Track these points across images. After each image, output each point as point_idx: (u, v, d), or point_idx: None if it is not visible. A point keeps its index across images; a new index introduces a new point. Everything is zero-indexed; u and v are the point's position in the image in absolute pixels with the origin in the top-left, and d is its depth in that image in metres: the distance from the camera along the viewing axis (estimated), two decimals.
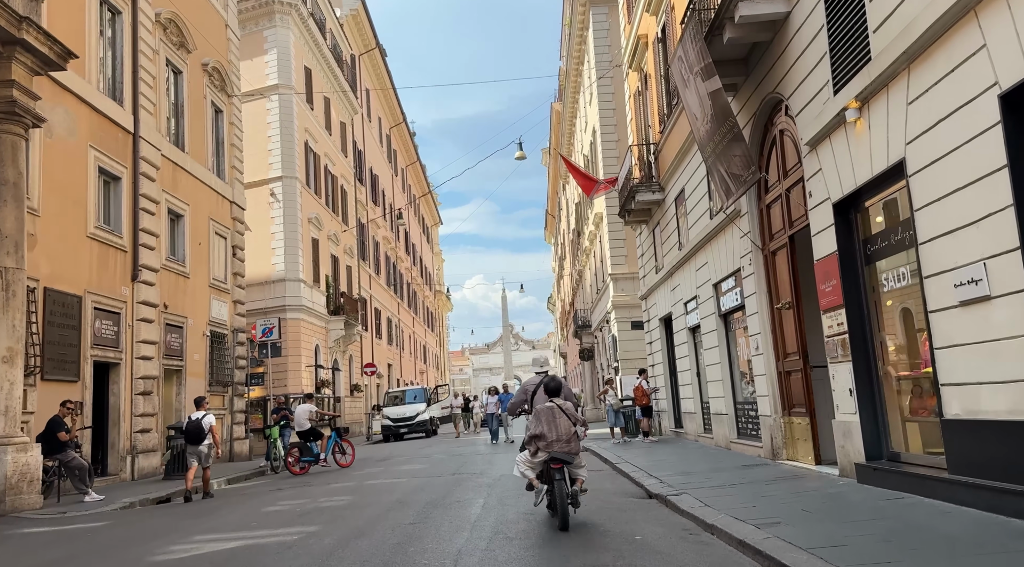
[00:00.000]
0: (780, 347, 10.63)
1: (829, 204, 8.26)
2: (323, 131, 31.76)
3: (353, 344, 33.85)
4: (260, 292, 27.06)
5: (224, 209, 20.56)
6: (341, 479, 13.13)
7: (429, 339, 67.13)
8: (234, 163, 21.41)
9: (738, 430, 13.12)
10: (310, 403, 17.24)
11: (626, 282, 25.76)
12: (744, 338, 12.43)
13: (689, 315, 15.70)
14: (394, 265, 48.15)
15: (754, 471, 9.90)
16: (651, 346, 19.91)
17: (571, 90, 35.31)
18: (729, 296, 12.73)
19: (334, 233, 32.04)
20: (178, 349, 17.59)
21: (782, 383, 10.67)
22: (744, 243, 11.43)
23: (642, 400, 16.89)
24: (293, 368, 26.81)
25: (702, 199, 13.70)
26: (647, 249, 19.60)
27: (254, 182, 27.38)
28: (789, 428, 10.50)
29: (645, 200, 17.18)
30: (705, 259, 13.83)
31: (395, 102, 49.95)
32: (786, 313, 10.31)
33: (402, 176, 55.29)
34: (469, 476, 12.11)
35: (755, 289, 11.10)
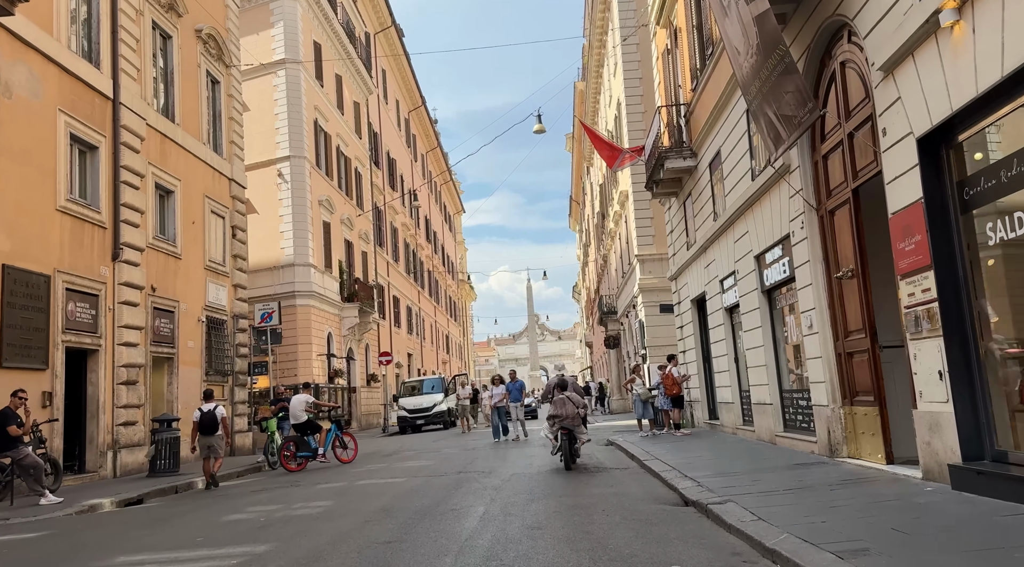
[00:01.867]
0: (840, 324, 8.95)
1: (912, 141, 6.57)
2: (334, 110, 30.40)
3: (369, 333, 32.56)
4: (268, 278, 25.84)
5: (222, 187, 19.26)
6: (334, 478, 11.72)
7: (452, 329, 65.87)
8: (233, 138, 20.10)
9: (784, 422, 11.46)
10: (307, 393, 15.81)
11: (654, 263, 24.05)
12: (793, 316, 10.74)
13: (726, 294, 14.01)
14: (414, 252, 46.82)
15: (810, 472, 8.26)
16: (682, 331, 18.22)
17: (594, 64, 33.52)
18: (775, 268, 11.04)
19: (347, 217, 30.71)
20: (169, 335, 16.32)
21: (842, 367, 8.99)
22: (795, 204, 9.74)
23: (672, 389, 15.25)
24: (303, 357, 25.56)
25: (742, 158, 11.99)
26: (677, 224, 17.90)
27: (261, 162, 26.17)
28: (851, 420, 8.82)
29: (675, 168, 15.48)
30: (745, 228, 12.14)
31: (414, 85, 48.47)
32: (848, 283, 8.62)
33: (422, 162, 53.91)
34: (475, 475, 10.62)
35: (808, 257, 9.41)
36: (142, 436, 14.69)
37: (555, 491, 8.62)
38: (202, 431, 12.25)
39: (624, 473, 10.31)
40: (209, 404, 12.60)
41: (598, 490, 8.60)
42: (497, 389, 18.29)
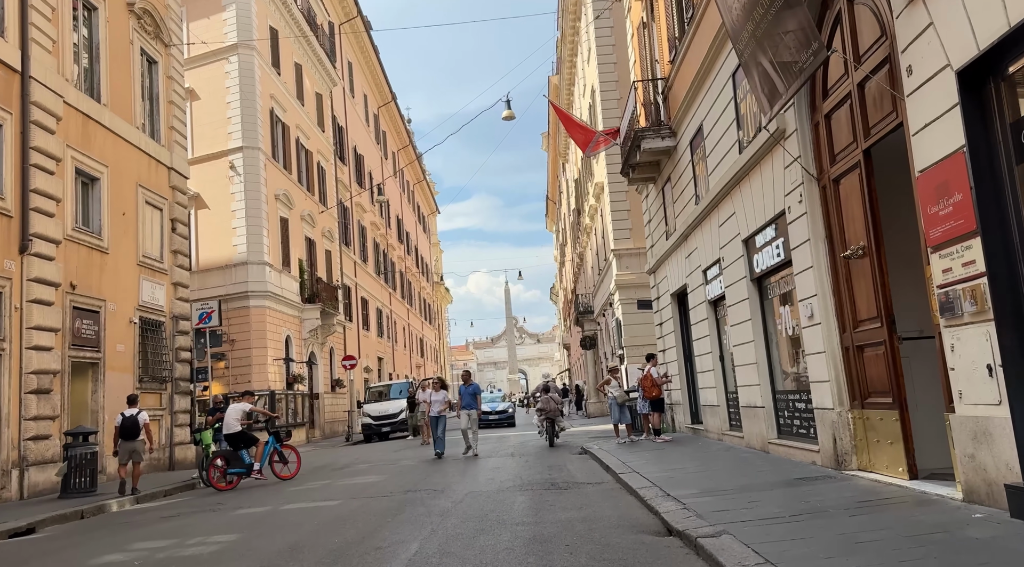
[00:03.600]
0: (847, 313, 7.60)
1: (949, 76, 5.21)
2: (294, 101, 28.75)
3: (333, 335, 30.89)
4: (220, 277, 24.16)
5: (159, 176, 17.58)
6: (261, 500, 10.15)
7: (427, 332, 64.20)
8: (174, 124, 18.43)
9: (779, 427, 10.10)
10: (246, 401, 14.03)
11: (631, 258, 22.73)
12: (789, 307, 9.39)
13: (710, 285, 12.66)
14: (384, 253, 45.16)
15: (817, 490, 6.88)
16: (661, 328, 16.86)
17: (568, 54, 32.21)
18: (766, 252, 9.69)
19: (309, 213, 29.05)
20: (93, 338, 14.63)
21: (850, 363, 7.63)
22: (791, 175, 8.39)
23: (651, 392, 13.85)
24: (258, 362, 23.88)
25: (728, 130, 10.65)
26: (655, 213, 16.55)
27: (212, 154, 24.54)
28: (862, 425, 7.47)
29: (653, 148, 14.12)
30: (731, 209, 10.78)
31: (383, 79, 46.88)
32: (858, 264, 7.27)
33: (394, 160, 52.26)
34: (425, 495, 9.12)
35: (808, 235, 8.06)
36: (56, 452, 13.00)
37: (513, 516, 7.17)
38: (123, 436, 12.05)
39: (597, 490, 8.88)
40: (132, 409, 12.34)
41: (564, 514, 7.16)
42: (436, 395, 15.42)
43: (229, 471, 12.74)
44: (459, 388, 15.33)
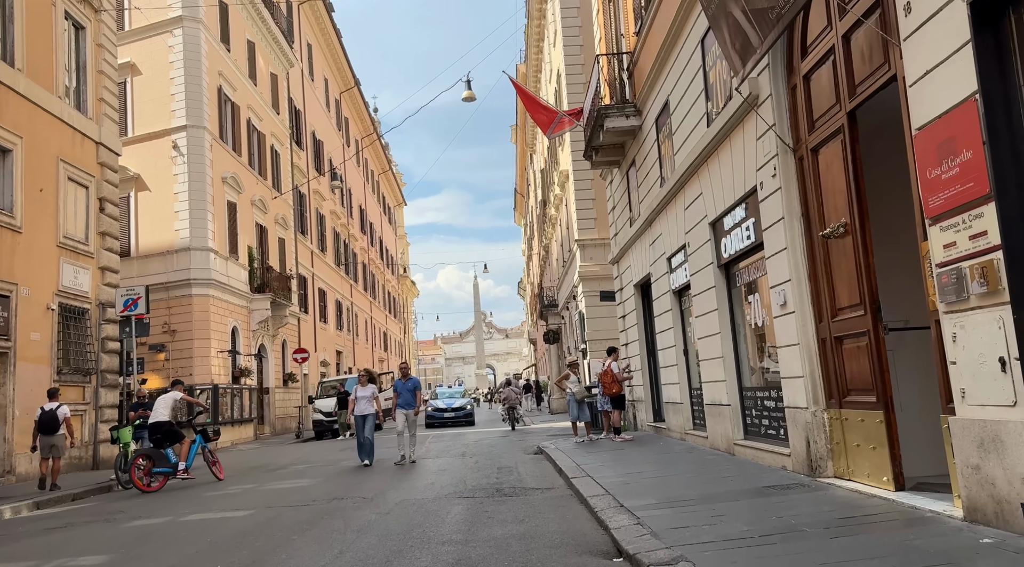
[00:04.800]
0: (825, 300, 6.72)
1: (960, 8, 4.31)
2: (245, 80, 27.31)
3: (286, 327, 29.55)
4: (161, 263, 22.73)
5: (85, 151, 16.20)
6: (165, 508, 8.98)
7: (391, 325, 62.85)
8: (104, 95, 17.03)
9: (745, 427, 9.25)
10: (177, 390, 12.67)
11: (595, 249, 21.84)
12: (758, 295, 8.51)
13: (674, 273, 11.78)
14: (345, 243, 43.76)
15: (790, 501, 6.00)
16: (624, 321, 15.99)
17: (534, 38, 31.21)
18: (735, 235, 8.80)
19: (260, 199, 27.66)
20: (3, 326, 13.28)
21: (827, 356, 6.76)
22: (764, 146, 7.49)
23: (611, 388, 12.95)
24: (200, 354, 22.52)
25: (696, 102, 9.74)
26: (620, 199, 15.65)
27: (154, 133, 23.09)
28: (839, 427, 6.60)
29: (617, 128, 13.19)
30: (698, 189, 9.89)
31: (345, 64, 45.40)
32: (839, 244, 6.39)
33: (356, 148, 50.78)
34: (351, 504, 8.08)
35: (782, 213, 7.17)
36: None
37: (441, 533, 6.17)
38: (42, 431, 11.78)
39: (545, 497, 7.92)
40: (52, 403, 12.08)
41: (501, 529, 6.18)
42: (363, 390, 12.98)
43: (155, 470, 11.53)
44: (395, 383, 13.21)
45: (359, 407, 12.85)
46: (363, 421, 12.79)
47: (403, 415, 12.57)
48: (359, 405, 12.87)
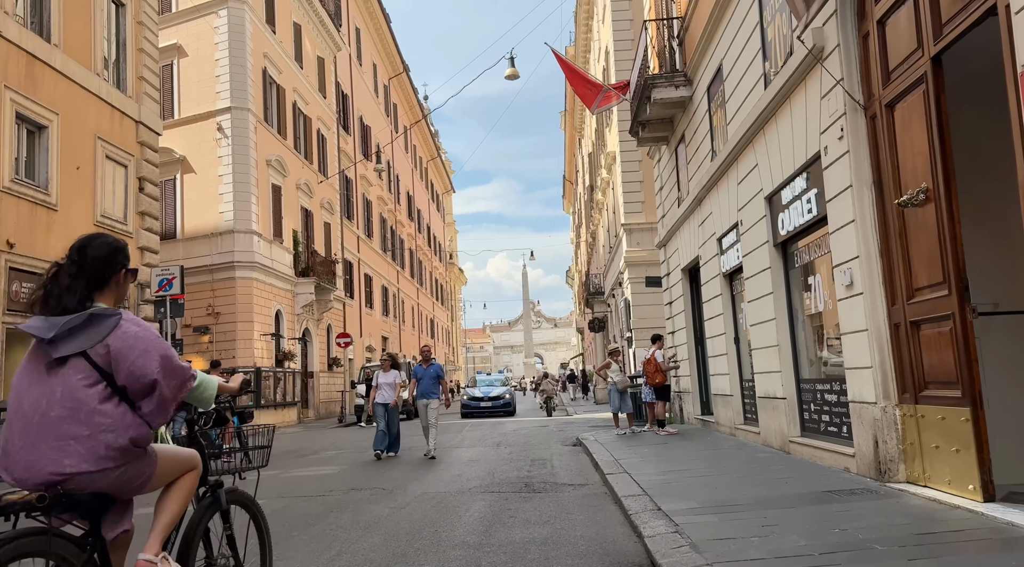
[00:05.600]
0: (899, 279, 5.83)
1: None
2: (291, 62, 27.12)
3: (330, 312, 29.43)
4: (206, 246, 22.72)
5: (125, 130, 16.06)
6: None
7: (438, 312, 62.81)
8: (144, 74, 16.87)
9: (803, 423, 8.37)
10: (216, 373, 12.59)
11: (642, 234, 20.92)
12: (819, 276, 7.63)
13: (725, 255, 10.89)
14: (392, 229, 43.62)
15: (854, 509, 5.18)
16: (671, 307, 15.11)
17: (583, 17, 30.24)
18: (794, 209, 7.91)
19: (305, 182, 27.50)
20: None
21: (901, 344, 5.88)
22: (830, 106, 6.60)
23: (655, 378, 12.16)
24: (243, 336, 22.45)
25: (752, 64, 8.84)
26: (668, 178, 14.75)
27: (199, 115, 23.03)
28: (915, 425, 5.72)
29: (665, 99, 12.31)
30: (753, 160, 9.00)
31: (394, 49, 45.12)
32: (918, 213, 5.49)
33: (405, 134, 50.57)
34: (365, 497, 7.54)
35: (850, 181, 6.28)
36: None
37: (455, 534, 5.54)
38: None
39: (577, 495, 7.23)
40: None
41: (523, 532, 5.52)
42: (385, 376, 11.81)
43: None
44: (414, 369, 11.91)
45: (381, 394, 11.83)
46: (384, 409, 11.68)
47: (424, 406, 11.43)
48: (381, 392, 11.85)
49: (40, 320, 2.47)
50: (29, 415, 2.39)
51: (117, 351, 2.45)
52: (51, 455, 2.34)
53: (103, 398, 2.43)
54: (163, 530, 2.65)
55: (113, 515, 2.56)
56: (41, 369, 2.45)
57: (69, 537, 2.38)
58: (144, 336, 2.53)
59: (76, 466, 2.35)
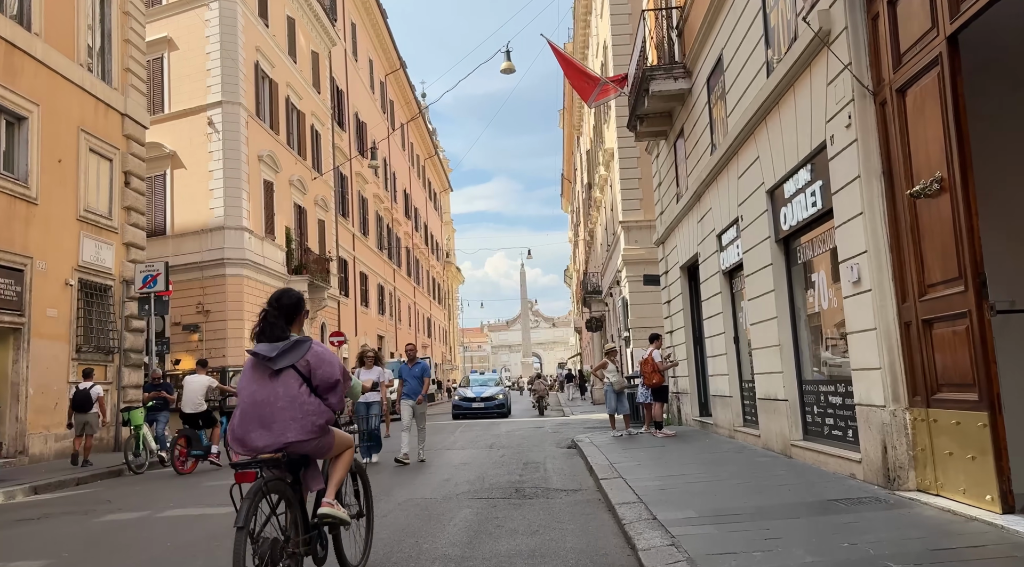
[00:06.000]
0: (910, 274, 5.49)
1: None
2: (284, 56, 26.73)
3: (324, 310, 29.06)
4: (196, 242, 22.34)
5: (110, 123, 15.70)
6: (158, 498, 8.30)
7: (435, 311, 62.44)
8: (130, 65, 16.50)
9: (805, 426, 8.03)
10: (204, 373, 12.25)
11: (640, 231, 20.56)
12: (824, 271, 7.28)
13: (724, 252, 10.55)
14: (389, 227, 43.25)
15: (863, 521, 4.84)
16: (669, 306, 14.77)
17: (582, 13, 29.88)
18: (797, 203, 7.56)
19: (299, 179, 27.11)
20: (15, 300, 12.83)
21: (912, 343, 5.54)
22: (836, 92, 6.25)
23: (652, 378, 11.81)
24: (234, 334, 22.08)
25: (754, 52, 8.49)
26: (666, 174, 14.41)
27: (189, 109, 22.65)
28: (926, 430, 5.38)
29: (664, 91, 11.95)
30: (755, 153, 8.65)
31: (391, 45, 44.74)
32: (931, 205, 5.15)
33: (402, 131, 50.19)
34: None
35: (857, 171, 5.94)
36: None
37: (436, 546, 5.19)
38: (76, 409, 12.12)
39: (569, 502, 6.88)
40: (86, 382, 12.34)
41: (508, 543, 5.17)
42: (368, 372, 10.69)
43: (190, 453, 11.51)
44: (399, 368, 11.11)
45: (367, 395, 10.74)
46: (367, 409, 10.80)
47: (408, 407, 10.64)
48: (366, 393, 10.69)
49: (264, 346, 3.76)
50: (262, 406, 3.66)
51: (313, 364, 3.75)
52: (279, 430, 3.63)
53: (307, 394, 3.70)
54: (335, 485, 3.96)
55: (311, 472, 3.88)
56: (265, 377, 3.72)
57: (289, 483, 3.73)
58: (326, 353, 3.84)
59: (295, 436, 3.65)
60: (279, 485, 3.63)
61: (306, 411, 3.68)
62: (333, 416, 3.82)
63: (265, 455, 3.62)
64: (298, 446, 3.68)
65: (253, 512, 3.38)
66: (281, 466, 3.68)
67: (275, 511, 3.59)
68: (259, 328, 3.86)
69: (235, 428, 3.71)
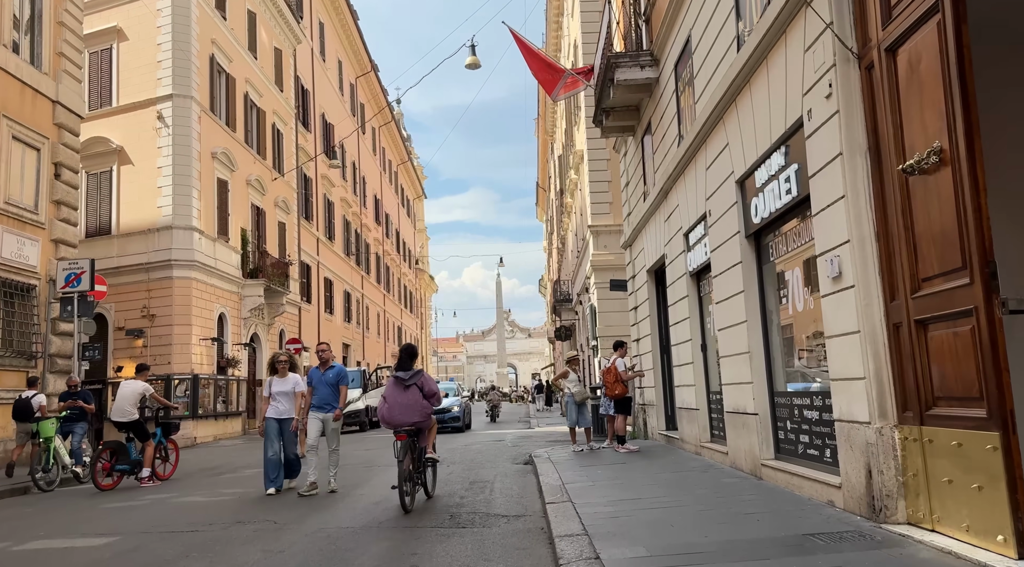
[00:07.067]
0: (900, 266, 4.64)
1: None
2: (243, 52, 25.64)
3: (283, 316, 27.85)
4: (143, 243, 21.11)
5: (38, 110, 14.54)
6: (37, 523, 7.20)
7: (407, 320, 61.19)
8: (64, 50, 15.36)
9: (777, 444, 7.16)
10: (141, 379, 10.97)
11: (610, 237, 19.75)
12: (799, 268, 6.43)
13: (692, 251, 9.70)
14: (357, 233, 42.09)
15: (846, 563, 3.94)
16: (636, 313, 13.93)
17: (554, 15, 29.17)
18: (770, 192, 6.72)
19: (257, 179, 25.95)
20: None
21: (902, 349, 4.68)
22: (814, 60, 5.42)
23: (614, 389, 10.90)
24: (180, 341, 20.84)
25: (725, 27, 7.67)
26: (633, 172, 13.59)
27: (138, 103, 21.48)
28: (920, 453, 4.52)
29: (630, 80, 11.12)
30: (724, 140, 7.82)
31: (361, 47, 43.76)
32: (926, 182, 4.31)
33: (373, 136, 49.14)
34: (242, 534, 6.16)
35: (839, 148, 5.10)
36: None
37: None
38: (16, 417, 11.86)
39: (506, 531, 5.93)
40: (30, 391, 12.18)
41: None
42: (280, 383, 8.84)
43: (116, 467, 10.31)
44: (309, 373, 8.85)
45: (274, 407, 8.76)
46: (279, 427, 8.71)
47: (316, 421, 8.54)
48: (274, 404, 8.78)
49: (401, 373, 7.36)
50: (401, 404, 7.20)
51: (424, 383, 7.38)
52: (410, 416, 7.19)
53: (421, 399, 7.28)
54: (431, 442, 7.55)
55: (422, 436, 7.39)
56: (401, 389, 7.28)
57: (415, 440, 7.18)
58: (430, 377, 7.53)
59: (417, 419, 7.23)
60: (412, 442, 7.09)
61: (422, 407, 7.30)
62: (432, 409, 7.46)
63: (405, 428, 7.11)
64: (418, 424, 7.25)
65: (404, 454, 6.86)
66: (411, 433, 7.11)
67: (411, 451, 7.02)
68: (397, 363, 7.56)
69: (385, 414, 7.26)
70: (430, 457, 7.57)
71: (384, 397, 7.29)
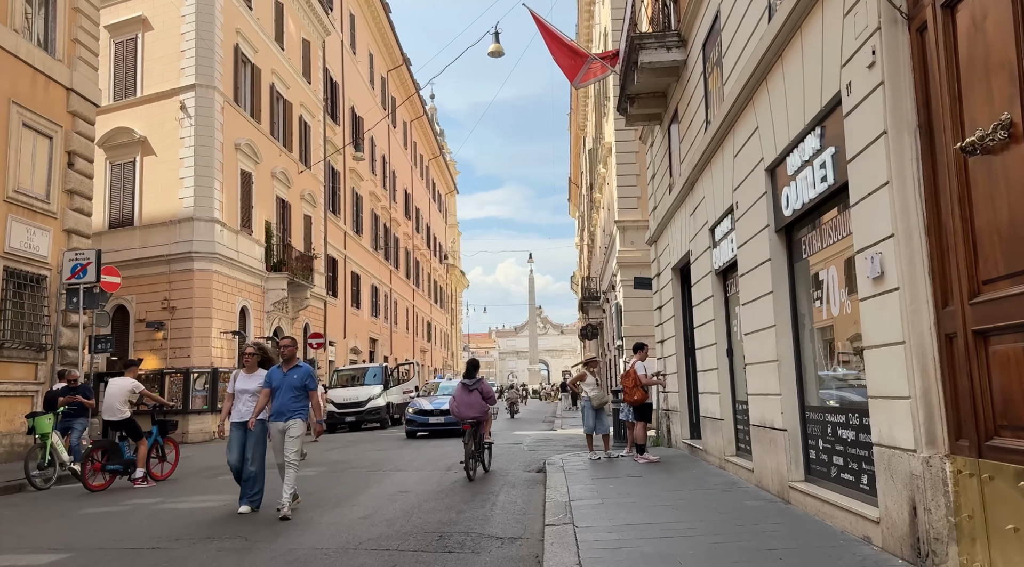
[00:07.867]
0: (955, 267, 3.87)
1: None
2: (269, 42, 25.34)
3: (307, 310, 27.57)
4: (164, 234, 20.91)
5: (51, 97, 14.29)
6: (37, 527, 6.73)
7: (436, 316, 60.91)
8: (79, 36, 15.10)
9: (808, 465, 6.39)
10: (131, 376, 10.65)
11: (637, 232, 18.96)
12: (835, 267, 5.65)
13: (717, 247, 8.93)
14: (386, 227, 41.78)
15: None
16: (660, 312, 13.14)
17: (586, 3, 28.35)
18: (803, 179, 5.94)
19: (282, 171, 25.67)
20: None
21: (955, 364, 3.91)
22: (855, 26, 4.65)
23: (633, 394, 10.17)
24: (200, 334, 20.58)
25: None
26: (660, 163, 12.80)
27: (161, 93, 21.30)
28: (978, 491, 3.74)
29: (655, 63, 10.35)
30: (753, 122, 7.04)
31: (393, 41, 43.38)
32: (990, 163, 3.53)
33: (404, 130, 48.81)
34: (207, 552, 5.62)
35: (883, 125, 4.32)
36: None
37: None
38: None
39: (496, 559, 5.29)
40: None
41: None
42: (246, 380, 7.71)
43: (108, 467, 9.95)
44: (268, 373, 7.48)
45: (238, 409, 7.61)
46: (243, 433, 7.52)
47: (278, 432, 7.29)
48: (239, 404, 7.62)
49: (468, 379, 10.20)
50: (467, 403, 9.89)
51: (482, 387, 10.02)
52: (472, 413, 9.85)
53: (481, 400, 9.93)
54: (488, 430, 10.29)
55: (482, 427, 10.08)
56: (466, 392, 9.98)
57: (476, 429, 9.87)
58: (487, 383, 10.20)
59: (478, 415, 9.88)
60: (475, 430, 9.71)
61: (481, 405, 9.80)
62: (489, 408, 9.92)
63: (470, 420, 9.71)
64: (478, 417, 9.77)
65: (469, 439, 9.56)
66: (474, 424, 9.70)
67: (474, 438, 9.63)
68: (466, 370, 10.26)
69: (454, 410, 9.92)
70: (488, 442, 10.32)
71: (454, 397, 10.08)
